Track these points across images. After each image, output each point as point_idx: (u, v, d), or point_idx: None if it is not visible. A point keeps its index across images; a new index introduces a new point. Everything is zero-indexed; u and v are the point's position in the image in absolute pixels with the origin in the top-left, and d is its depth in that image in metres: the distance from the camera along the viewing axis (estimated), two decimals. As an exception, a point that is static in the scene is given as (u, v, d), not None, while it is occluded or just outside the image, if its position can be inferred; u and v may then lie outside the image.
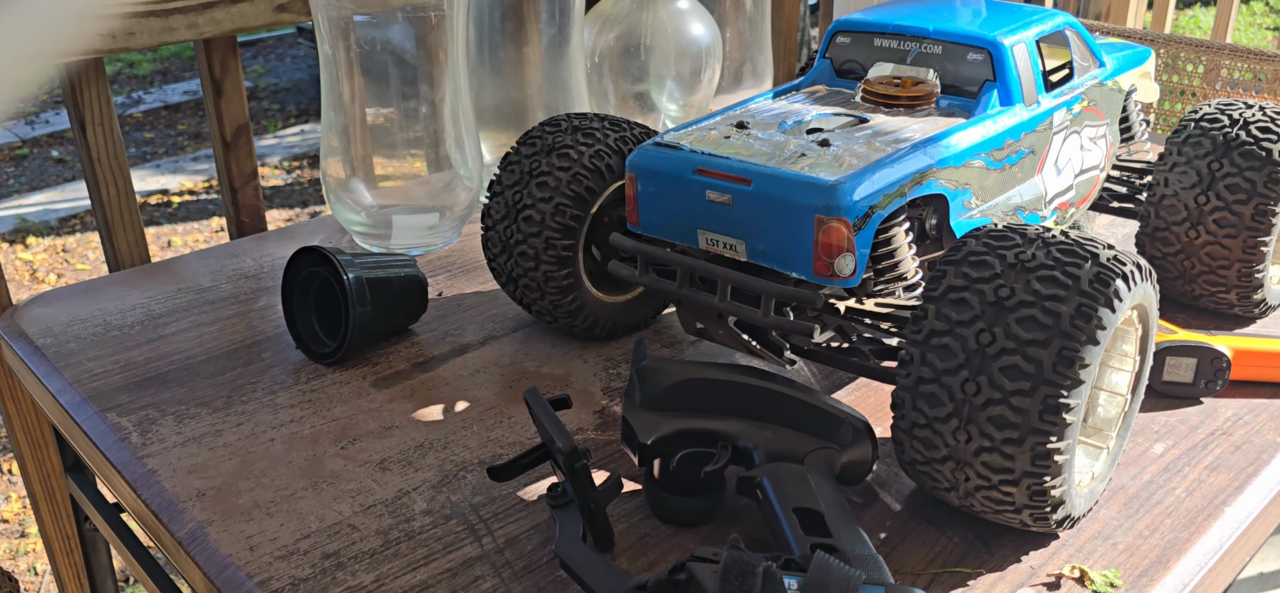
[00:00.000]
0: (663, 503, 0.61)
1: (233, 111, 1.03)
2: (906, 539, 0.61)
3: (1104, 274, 0.55)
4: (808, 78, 0.81)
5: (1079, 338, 0.53)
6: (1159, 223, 0.82)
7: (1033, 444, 0.54)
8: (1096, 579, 0.58)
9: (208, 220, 3.57)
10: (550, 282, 0.76)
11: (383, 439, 0.69)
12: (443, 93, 0.92)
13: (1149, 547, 0.61)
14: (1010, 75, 0.72)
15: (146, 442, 0.68)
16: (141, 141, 4.28)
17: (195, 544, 0.60)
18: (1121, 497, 0.65)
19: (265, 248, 0.98)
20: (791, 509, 0.55)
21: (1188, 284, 0.83)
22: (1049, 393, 0.53)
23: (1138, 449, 0.69)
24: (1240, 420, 0.72)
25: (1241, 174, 0.78)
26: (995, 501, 0.57)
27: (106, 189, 0.97)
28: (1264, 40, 5.40)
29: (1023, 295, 0.54)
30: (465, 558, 0.59)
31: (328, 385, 0.75)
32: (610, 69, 1.09)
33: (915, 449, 0.58)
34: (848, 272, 0.62)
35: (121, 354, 0.79)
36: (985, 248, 0.57)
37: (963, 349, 0.55)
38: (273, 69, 5.22)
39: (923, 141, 0.66)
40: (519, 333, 0.83)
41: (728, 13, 1.16)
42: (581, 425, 0.71)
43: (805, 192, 0.61)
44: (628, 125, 0.78)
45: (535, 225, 0.75)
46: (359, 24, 0.87)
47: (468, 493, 0.64)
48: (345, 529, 0.61)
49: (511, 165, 0.77)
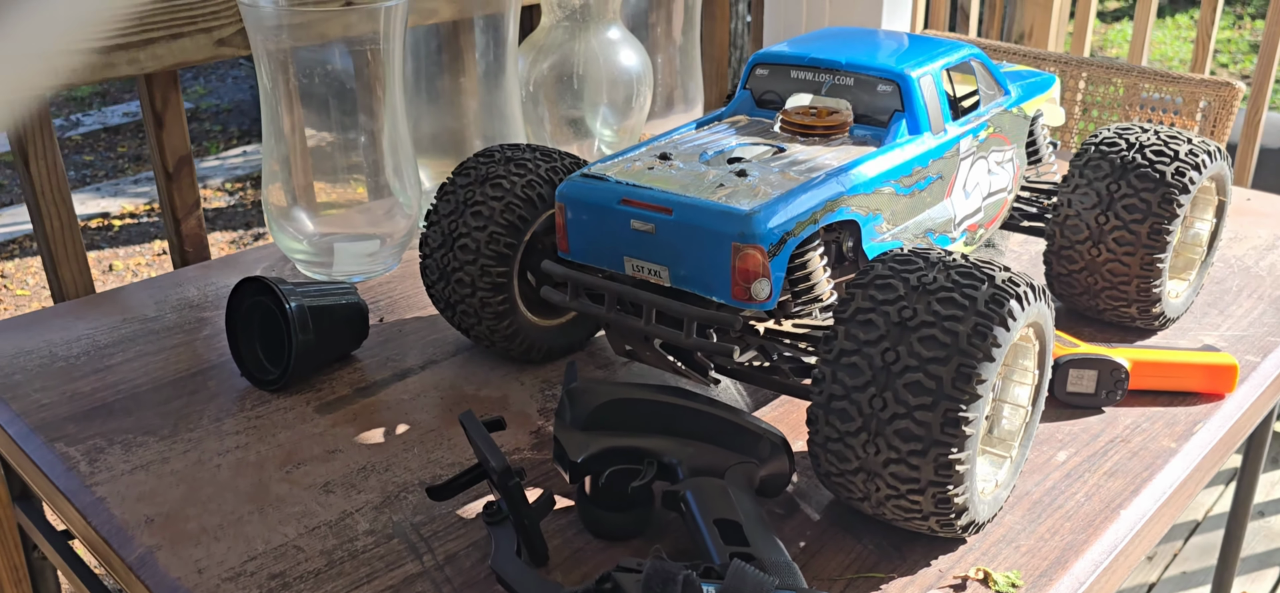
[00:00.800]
0: (594, 518, 0.64)
1: (174, 143, 1.05)
2: (824, 547, 0.64)
3: (999, 295, 0.59)
4: (729, 108, 0.85)
5: (976, 355, 0.57)
6: (1063, 241, 0.87)
7: (936, 455, 0.58)
8: (1000, 580, 0.62)
9: (150, 244, 3.54)
10: (486, 307, 0.79)
11: (326, 463, 0.72)
12: (381, 123, 0.94)
13: (1049, 548, 0.65)
14: (918, 105, 0.77)
15: (95, 470, 0.70)
16: (81, 164, 4.23)
17: (144, 569, 0.62)
18: (1026, 502, 0.69)
19: (209, 277, 1.00)
20: (712, 521, 0.59)
21: (1092, 299, 0.88)
22: (949, 407, 0.57)
23: (1042, 457, 0.73)
24: (1138, 428, 0.77)
25: (1137, 195, 0.83)
26: (904, 509, 0.61)
27: (50, 221, 0.98)
28: (1187, 53, 5.57)
29: (924, 316, 0.58)
30: (407, 575, 0.61)
31: (272, 412, 0.77)
32: (545, 97, 1.12)
33: (829, 462, 0.62)
34: (763, 296, 0.65)
35: (68, 385, 0.80)
36: (890, 272, 0.61)
37: (870, 367, 0.59)
38: (214, 90, 5.18)
39: (836, 170, 0.70)
40: (458, 357, 0.86)
41: (659, 40, 1.20)
42: (518, 445, 0.74)
43: (722, 220, 0.65)
44: (558, 156, 0.82)
45: (470, 253, 0.78)
46: (298, 57, 0.89)
47: (409, 513, 0.67)
48: (291, 551, 0.63)
49: (447, 195, 0.80)
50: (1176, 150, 0.84)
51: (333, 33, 0.89)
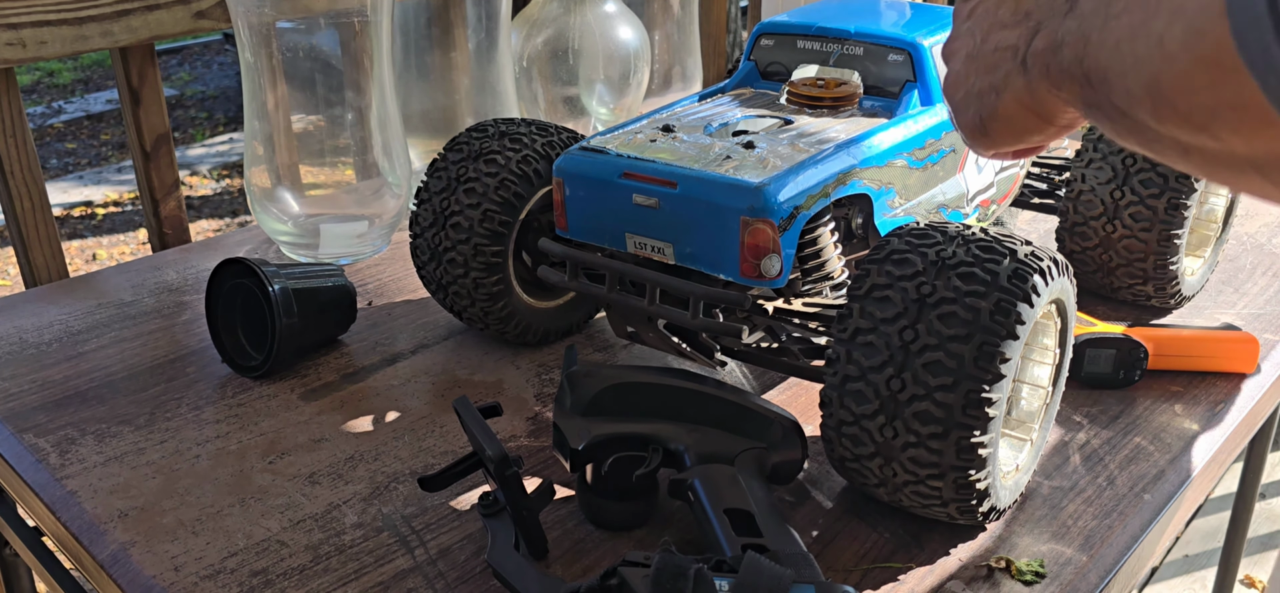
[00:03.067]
0: (595, 508, 0.61)
1: (152, 121, 1.01)
2: (837, 537, 0.61)
3: (1022, 270, 0.56)
4: (733, 80, 0.81)
5: (999, 333, 0.54)
6: (1077, 218, 0.84)
7: (957, 438, 0.55)
8: (1022, 569, 0.59)
9: (134, 232, 3.50)
10: (480, 288, 0.75)
11: (312, 452, 0.68)
12: (369, 99, 0.91)
13: (1072, 536, 0.62)
14: (930, 75, 0.74)
15: (65, 462, 0.67)
16: (63, 153, 4.18)
17: (118, 566, 0.58)
18: (1046, 487, 0.66)
19: (189, 260, 0.97)
20: (722, 510, 0.55)
21: (1106, 277, 0.85)
22: (971, 387, 0.54)
23: (1061, 440, 0.71)
24: (1158, 409, 0.74)
25: (1154, 169, 0.80)
26: (922, 495, 0.58)
27: (21, 202, 0.94)
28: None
29: (944, 292, 0.55)
30: (398, 570, 0.58)
31: (255, 399, 0.74)
32: (539, 73, 1.09)
33: (844, 446, 0.59)
34: (774, 272, 0.62)
35: (38, 373, 0.77)
36: (907, 246, 0.58)
37: (887, 347, 0.56)
38: (199, 76, 5.13)
39: (846, 142, 0.67)
40: (451, 341, 0.83)
41: (656, 15, 1.17)
42: (514, 432, 0.71)
43: (730, 194, 0.62)
44: (554, 130, 0.78)
45: (463, 232, 0.74)
46: (281, 31, 0.86)
47: (399, 504, 0.63)
48: (274, 546, 0.60)
49: (439, 172, 0.77)
50: (1194, 122, 0.81)
51: (318, 4, 0.86)
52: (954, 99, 0.50)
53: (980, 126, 0.48)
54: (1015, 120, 0.46)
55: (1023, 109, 0.45)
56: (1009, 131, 0.47)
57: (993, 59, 0.46)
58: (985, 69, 0.47)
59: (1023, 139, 0.48)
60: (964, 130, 0.50)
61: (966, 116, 0.49)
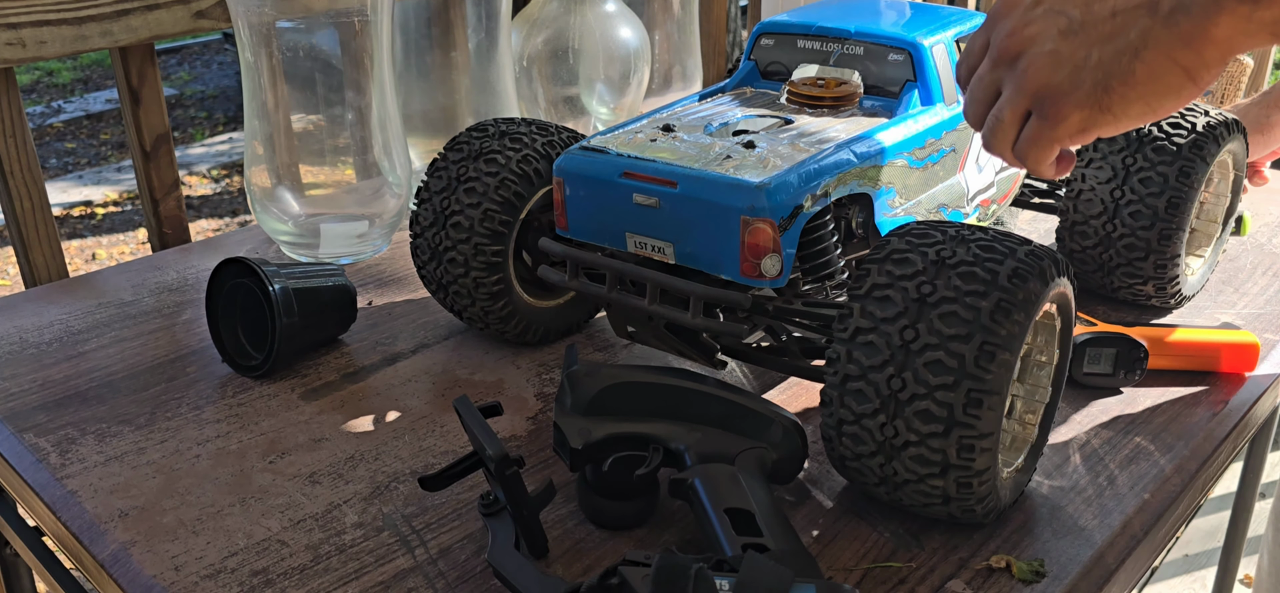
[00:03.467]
0: (596, 507, 0.61)
1: (152, 120, 1.01)
2: (838, 536, 0.61)
3: (1022, 269, 0.56)
4: (733, 79, 0.81)
5: (999, 332, 0.54)
6: (1077, 217, 0.84)
7: (958, 437, 0.55)
8: (1022, 569, 0.59)
9: (134, 232, 3.50)
10: (480, 288, 0.75)
11: (312, 452, 0.68)
12: (369, 99, 0.91)
13: (1072, 536, 0.62)
14: (930, 75, 0.74)
15: (66, 462, 0.67)
16: (63, 152, 4.18)
17: (118, 566, 0.58)
18: (1046, 487, 0.66)
19: (189, 260, 0.97)
20: (723, 510, 0.55)
21: (1106, 277, 0.85)
22: (972, 386, 0.54)
23: (1060, 440, 0.71)
24: (1158, 409, 0.74)
25: (1154, 168, 0.80)
26: (923, 494, 0.58)
27: (20, 202, 0.94)
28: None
29: (944, 292, 0.55)
30: (398, 570, 0.58)
31: (255, 399, 0.74)
32: (539, 73, 1.09)
33: (844, 445, 0.59)
34: (774, 272, 0.62)
35: (39, 372, 0.77)
36: (908, 245, 0.58)
37: (887, 346, 0.56)
38: (199, 76, 5.13)
39: (846, 141, 0.67)
40: (451, 341, 0.82)
41: (656, 15, 1.17)
42: (515, 432, 0.71)
43: (731, 193, 0.62)
44: (555, 130, 0.78)
45: (464, 231, 0.74)
46: (281, 30, 0.86)
47: (400, 504, 0.63)
48: (274, 546, 0.60)
49: (439, 171, 0.77)
50: (1193, 122, 0.81)
51: (318, 3, 0.86)
52: (1054, 81, 0.47)
53: (1103, 100, 0.46)
54: (1158, 78, 0.44)
55: (1170, 63, 0.44)
56: (1144, 96, 0.45)
57: (1114, 25, 0.44)
58: (1105, 37, 0.45)
59: (1154, 104, 0.46)
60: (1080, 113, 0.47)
61: (1081, 92, 0.46)
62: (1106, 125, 0.48)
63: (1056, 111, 0.48)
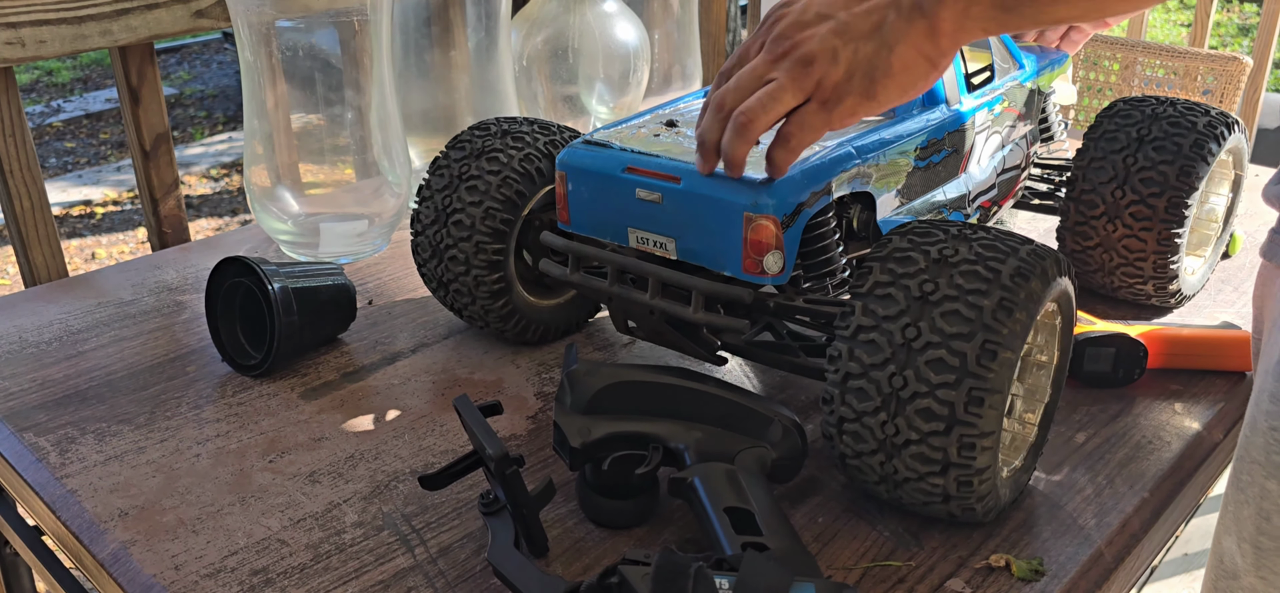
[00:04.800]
0: (596, 506, 0.61)
1: (151, 120, 1.01)
2: (838, 535, 0.61)
3: (1024, 268, 0.56)
4: None
5: (1001, 331, 0.54)
6: (1078, 217, 0.84)
7: (959, 435, 0.55)
8: (1021, 567, 0.59)
9: (133, 231, 3.49)
10: (481, 286, 0.75)
11: (312, 451, 0.68)
12: (368, 98, 0.91)
13: (1072, 535, 0.62)
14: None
15: (66, 461, 0.66)
16: (63, 152, 4.17)
17: (118, 565, 0.58)
18: (1046, 486, 0.66)
19: (189, 259, 0.96)
20: (723, 509, 0.55)
21: (1107, 276, 0.85)
22: (974, 385, 0.54)
23: (1060, 438, 0.70)
24: (1158, 409, 0.74)
25: (1155, 168, 0.80)
26: (924, 492, 0.58)
27: (20, 201, 0.94)
28: (1177, 36, 5.56)
29: (946, 290, 0.55)
30: (398, 569, 0.58)
31: (255, 398, 0.74)
32: (539, 72, 1.08)
33: (845, 443, 0.59)
34: (777, 269, 0.62)
35: (38, 372, 0.77)
36: (910, 244, 0.58)
37: (889, 344, 0.56)
38: (198, 75, 5.13)
39: (849, 139, 0.67)
40: (451, 340, 0.82)
41: (656, 15, 1.17)
42: (514, 431, 0.71)
43: (734, 189, 0.62)
44: (557, 128, 0.78)
45: (465, 229, 0.74)
46: (281, 29, 0.86)
47: (400, 503, 0.63)
48: (274, 545, 0.60)
49: (440, 170, 0.76)
50: (1194, 122, 0.81)
51: (317, 3, 0.85)
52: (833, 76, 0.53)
53: (870, 89, 0.52)
54: (910, 68, 0.51)
55: (917, 55, 0.50)
56: (901, 84, 0.51)
57: (870, 22, 0.51)
58: (865, 34, 0.51)
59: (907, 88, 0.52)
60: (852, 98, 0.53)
61: (854, 84, 0.52)
62: (871, 109, 0.55)
63: (836, 100, 0.54)
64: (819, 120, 0.56)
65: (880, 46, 0.51)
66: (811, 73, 0.54)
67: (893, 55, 0.51)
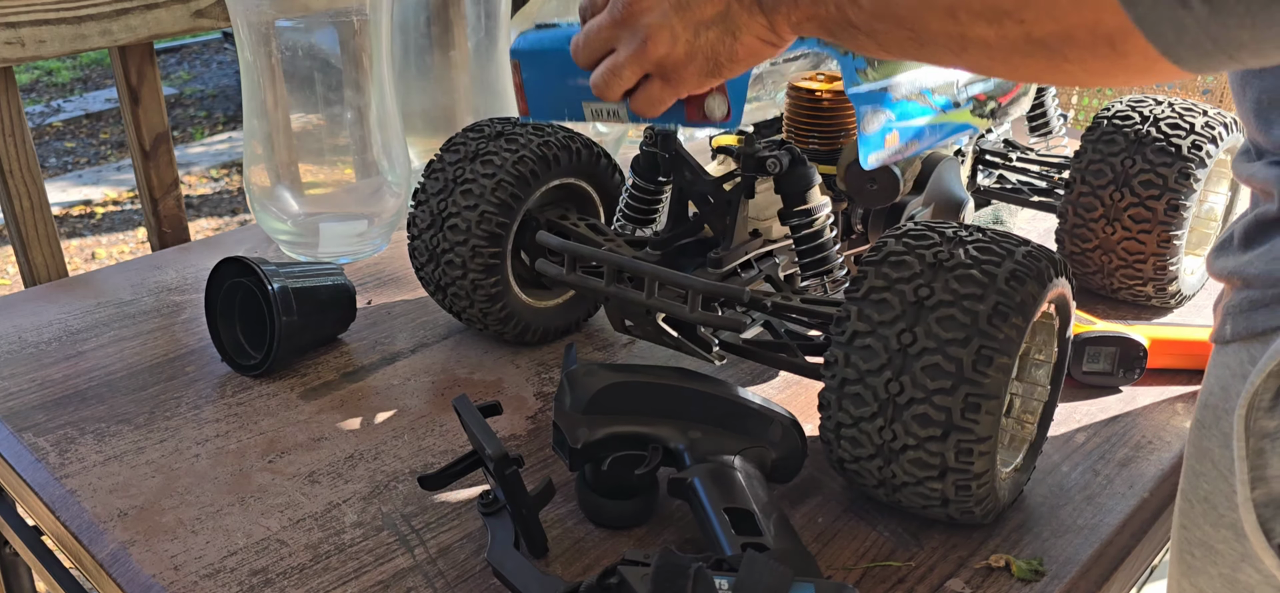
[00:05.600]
0: (595, 507, 0.61)
1: (151, 120, 1.01)
2: (837, 536, 0.61)
3: (1020, 272, 0.56)
4: None
5: (997, 336, 0.54)
6: (1077, 219, 0.84)
7: (956, 440, 0.55)
8: (1021, 567, 0.59)
9: (133, 231, 3.49)
10: (478, 289, 0.75)
11: (312, 451, 0.68)
12: (368, 98, 0.91)
13: (1072, 535, 0.62)
14: None
15: (65, 462, 0.67)
16: (62, 152, 4.17)
17: (117, 566, 0.58)
18: (1045, 486, 0.66)
19: (188, 259, 0.96)
20: (722, 509, 0.55)
21: (1106, 278, 0.85)
22: (970, 390, 0.54)
23: (1060, 438, 0.71)
24: (1158, 408, 0.74)
25: (1154, 170, 0.80)
26: (922, 496, 0.58)
27: (19, 202, 0.94)
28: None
29: (942, 295, 0.55)
30: (397, 569, 0.58)
31: (254, 398, 0.74)
32: (539, 72, 1.08)
33: (843, 449, 0.59)
34: (721, 114, 0.60)
35: (37, 372, 0.77)
36: (905, 248, 0.58)
37: (885, 349, 0.56)
38: (198, 75, 5.13)
39: None
40: (450, 340, 0.82)
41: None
42: (514, 431, 0.71)
43: None
44: (551, 130, 0.78)
45: (461, 234, 0.74)
46: (280, 29, 0.86)
47: (399, 503, 0.63)
48: (273, 545, 0.60)
49: (436, 173, 0.76)
50: (1192, 123, 0.82)
51: (317, 3, 0.86)
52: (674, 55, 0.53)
53: (716, 71, 0.52)
54: (755, 55, 0.51)
55: (760, 44, 0.50)
56: (744, 66, 0.52)
57: (713, 8, 0.50)
58: (708, 20, 0.51)
59: (752, 67, 0.53)
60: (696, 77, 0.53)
61: (696, 65, 0.52)
62: (716, 83, 0.55)
63: (677, 78, 0.54)
64: (666, 95, 0.56)
65: (725, 33, 0.51)
66: (649, 52, 0.54)
67: (738, 43, 0.51)
